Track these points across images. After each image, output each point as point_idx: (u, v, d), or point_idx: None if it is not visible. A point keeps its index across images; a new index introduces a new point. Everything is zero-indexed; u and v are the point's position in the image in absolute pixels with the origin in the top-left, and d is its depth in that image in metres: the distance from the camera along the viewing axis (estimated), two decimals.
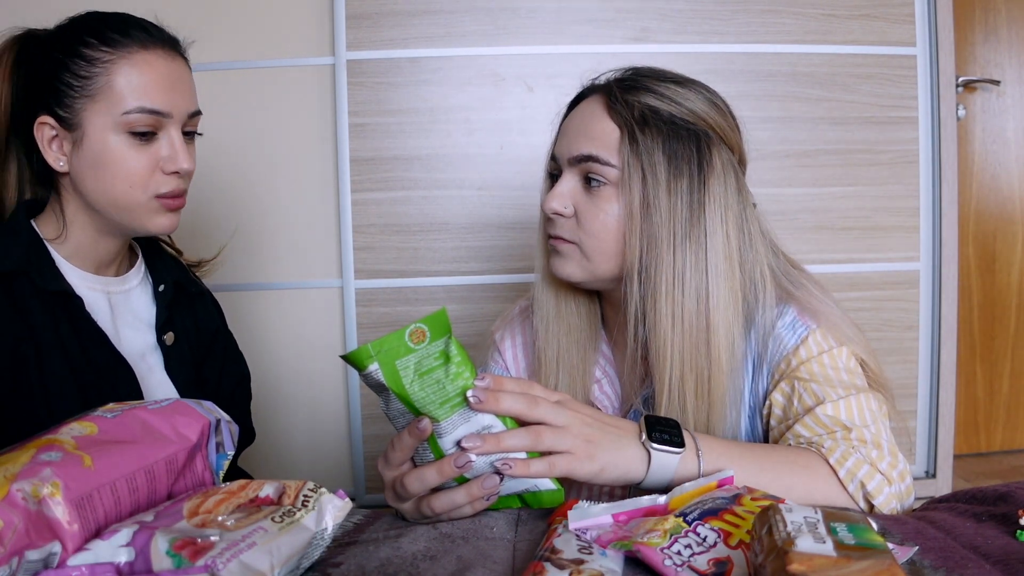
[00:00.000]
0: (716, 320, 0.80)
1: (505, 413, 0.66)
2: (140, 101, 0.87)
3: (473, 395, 0.65)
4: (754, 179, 0.89)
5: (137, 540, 0.48)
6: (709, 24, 1.89)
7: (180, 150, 0.90)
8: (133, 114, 0.86)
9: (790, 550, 0.44)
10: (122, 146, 0.88)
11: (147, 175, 0.89)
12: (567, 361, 0.92)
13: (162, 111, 0.88)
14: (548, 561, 0.54)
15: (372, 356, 0.63)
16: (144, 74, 0.87)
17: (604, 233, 0.83)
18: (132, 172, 0.88)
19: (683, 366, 0.80)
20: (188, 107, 0.91)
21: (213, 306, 1.11)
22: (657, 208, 0.80)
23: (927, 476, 2.02)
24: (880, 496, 0.73)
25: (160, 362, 0.98)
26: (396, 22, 1.86)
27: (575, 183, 0.86)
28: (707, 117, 0.84)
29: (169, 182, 0.90)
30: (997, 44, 2.37)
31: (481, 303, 1.92)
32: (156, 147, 0.89)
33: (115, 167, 0.88)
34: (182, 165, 0.90)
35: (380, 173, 1.89)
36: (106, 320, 0.93)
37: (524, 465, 0.66)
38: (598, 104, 0.86)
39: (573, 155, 0.85)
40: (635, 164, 0.81)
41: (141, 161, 0.88)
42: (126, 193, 0.89)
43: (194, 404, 0.63)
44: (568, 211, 0.85)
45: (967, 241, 2.38)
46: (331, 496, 0.57)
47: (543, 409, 0.68)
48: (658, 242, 0.80)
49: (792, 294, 0.85)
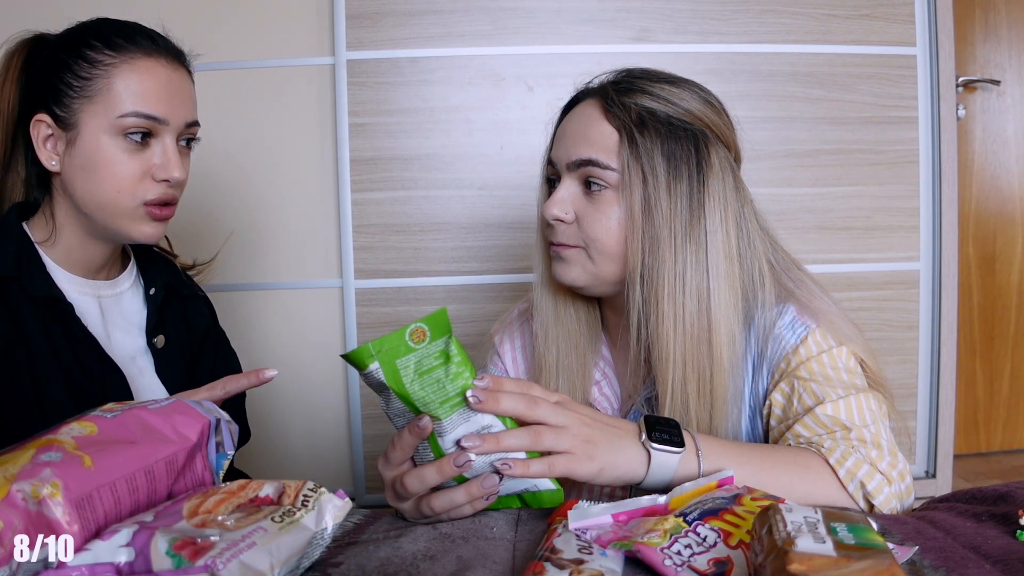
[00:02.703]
0: (717, 319, 0.80)
1: (504, 413, 0.66)
2: (137, 105, 0.86)
3: (472, 395, 0.65)
4: (754, 179, 0.89)
5: (137, 540, 0.48)
6: (709, 24, 1.89)
7: (172, 158, 0.89)
8: (129, 118, 0.86)
9: (790, 550, 0.44)
10: (114, 149, 0.87)
11: (136, 180, 0.88)
12: (567, 364, 0.91)
13: (158, 117, 0.87)
14: (548, 561, 0.53)
15: (373, 355, 0.63)
16: (144, 80, 0.87)
17: (607, 237, 0.83)
18: (121, 176, 0.87)
19: (685, 366, 0.80)
20: (185, 117, 0.91)
21: (205, 307, 1.11)
22: (658, 209, 0.81)
23: (927, 476, 2.01)
24: (880, 496, 0.73)
25: (151, 365, 0.98)
26: (396, 22, 1.86)
27: (575, 188, 0.86)
28: (703, 116, 0.84)
29: (157, 189, 0.89)
30: (997, 44, 2.37)
31: (481, 303, 1.92)
32: (148, 154, 0.88)
33: (105, 170, 0.87)
34: (172, 173, 0.89)
35: (380, 173, 1.89)
36: (96, 324, 0.93)
37: (524, 465, 0.66)
38: (594, 108, 0.85)
39: (572, 160, 0.85)
40: (635, 167, 0.81)
41: (132, 166, 0.87)
42: (113, 198, 0.88)
43: (194, 404, 0.63)
44: (569, 217, 0.85)
45: (967, 241, 2.38)
46: (331, 496, 0.57)
47: (543, 409, 0.68)
48: (660, 243, 0.80)
49: (793, 292, 0.85)
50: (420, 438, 0.66)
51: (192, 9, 1.85)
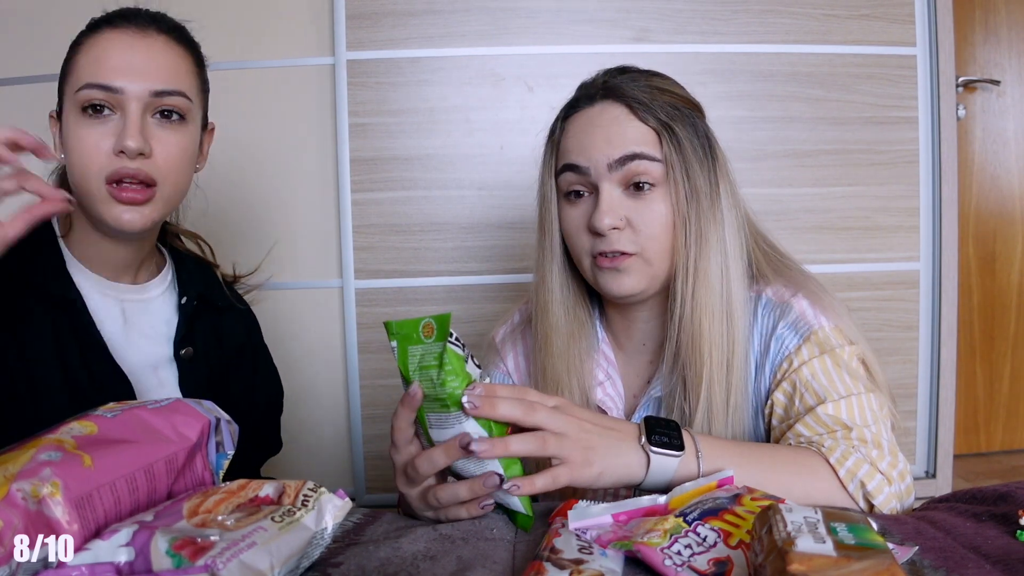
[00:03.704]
0: (735, 292, 0.83)
1: (501, 419, 0.66)
2: (91, 76, 0.82)
3: (468, 400, 0.64)
4: (754, 179, 0.90)
5: (137, 540, 0.48)
6: (709, 24, 1.89)
7: (130, 127, 0.82)
8: (84, 90, 0.82)
9: (790, 550, 0.44)
10: (78, 126, 0.83)
11: (98, 156, 0.83)
12: (572, 367, 0.91)
13: (111, 86, 0.82)
14: (548, 561, 0.53)
15: (394, 334, 0.67)
16: (103, 50, 0.83)
17: (664, 234, 0.84)
18: (83, 152, 0.83)
19: (712, 344, 0.81)
20: (151, 84, 0.84)
21: (241, 322, 1.06)
22: (699, 195, 0.83)
23: (927, 476, 2.01)
24: (880, 496, 0.73)
25: (174, 376, 0.95)
26: (396, 22, 1.86)
27: (617, 192, 0.84)
28: (690, 97, 0.88)
29: (115, 163, 0.83)
30: (997, 44, 2.37)
31: (481, 303, 1.92)
32: (110, 127, 0.83)
33: (72, 150, 0.84)
34: (124, 142, 0.81)
35: (380, 173, 1.89)
36: (116, 329, 0.91)
37: (530, 483, 0.65)
38: (617, 109, 0.84)
39: (615, 158, 0.82)
40: (677, 159, 0.83)
41: (92, 141, 0.83)
42: (83, 178, 0.84)
43: (194, 403, 0.63)
44: (622, 223, 0.83)
45: (967, 241, 2.38)
46: (331, 496, 0.57)
47: (541, 415, 0.67)
48: (700, 228, 0.82)
49: (802, 286, 0.86)
50: (412, 409, 0.67)
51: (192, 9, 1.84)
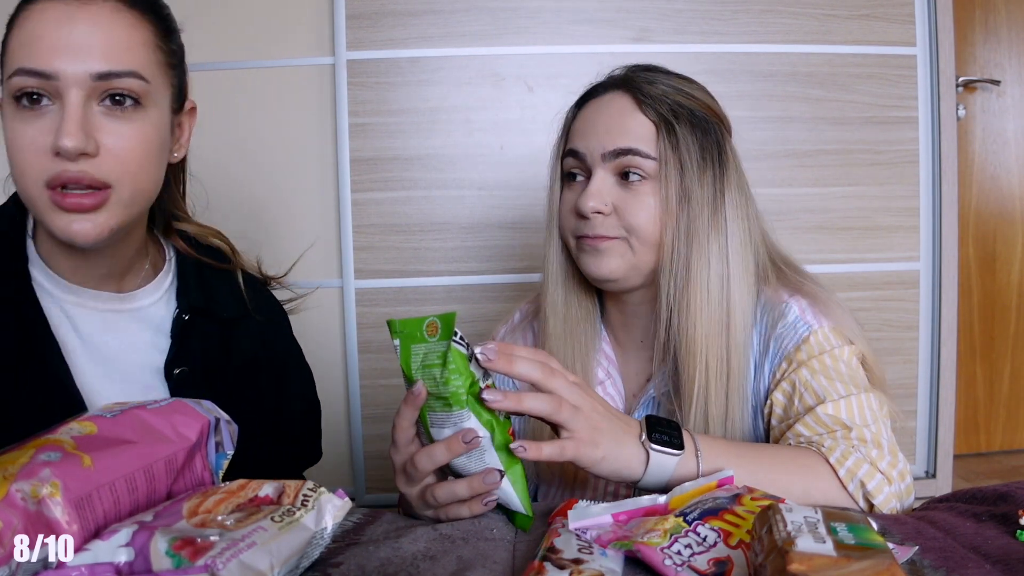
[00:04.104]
0: (734, 304, 0.83)
1: (519, 376, 0.66)
2: (22, 59, 0.67)
3: (482, 352, 0.64)
4: (754, 179, 0.91)
5: (137, 540, 0.48)
6: (709, 24, 1.89)
7: (67, 121, 0.66)
8: (15, 77, 0.67)
9: (790, 550, 0.44)
10: (14, 119, 0.69)
11: (33, 156, 0.68)
12: (574, 352, 0.91)
13: (43, 71, 0.66)
14: (548, 561, 0.53)
15: (397, 332, 0.66)
16: (36, 25, 0.67)
17: (650, 224, 0.84)
18: (18, 152, 0.69)
19: (708, 353, 0.82)
20: (90, 65, 0.67)
21: (257, 333, 0.92)
22: (692, 198, 0.83)
23: (927, 476, 2.01)
24: (880, 495, 0.73)
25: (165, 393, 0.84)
26: (396, 22, 1.86)
27: (609, 179, 0.85)
28: (716, 109, 0.89)
29: (53, 167, 0.67)
30: (997, 44, 2.37)
31: (481, 303, 1.92)
32: (47, 121, 0.68)
33: (9, 147, 0.70)
34: (60, 141, 0.66)
35: (380, 173, 1.89)
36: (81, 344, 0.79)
37: (536, 448, 0.65)
38: (625, 99, 0.86)
39: (609, 150, 0.84)
40: (672, 157, 0.83)
41: (26, 137, 0.68)
42: (21, 181, 0.70)
43: (193, 403, 0.63)
44: (607, 208, 0.85)
45: (967, 241, 2.38)
46: (331, 496, 0.57)
47: (560, 381, 0.68)
48: (693, 232, 0.83)
49: (800, 288, 0.86)
50: (415, 407, 0.66)
51: (192, 9, 1.85)
